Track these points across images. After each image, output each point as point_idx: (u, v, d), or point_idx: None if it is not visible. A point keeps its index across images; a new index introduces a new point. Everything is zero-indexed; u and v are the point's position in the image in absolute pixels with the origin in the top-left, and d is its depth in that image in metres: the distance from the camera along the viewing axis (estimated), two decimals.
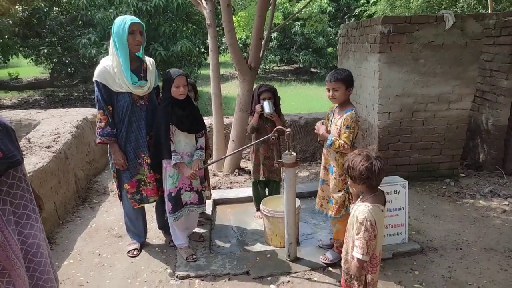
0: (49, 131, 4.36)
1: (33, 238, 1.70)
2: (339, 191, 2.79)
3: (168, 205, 2.99)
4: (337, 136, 2.73)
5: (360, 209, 2.08)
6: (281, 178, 3.26)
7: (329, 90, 2.77)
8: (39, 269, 1.73)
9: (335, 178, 2.80)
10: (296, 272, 2.88)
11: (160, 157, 2.91)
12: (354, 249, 2.08)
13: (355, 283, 2.19)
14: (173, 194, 2.96)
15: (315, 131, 2.91)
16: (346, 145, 2.65)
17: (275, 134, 2.94)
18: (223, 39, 14.62)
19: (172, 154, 2.85)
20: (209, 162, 3.54)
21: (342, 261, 2.32)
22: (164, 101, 2.90)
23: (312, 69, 20.28)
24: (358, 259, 2.05)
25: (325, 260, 2.98)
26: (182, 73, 2.84)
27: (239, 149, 4.35)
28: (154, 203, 3.25)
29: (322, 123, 2.90)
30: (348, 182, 2.22)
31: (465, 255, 3.12)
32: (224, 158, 4.84)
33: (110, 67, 2.80)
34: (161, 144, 2.86)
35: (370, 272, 2.16)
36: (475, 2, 11.28)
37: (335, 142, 2.69)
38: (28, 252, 1.69)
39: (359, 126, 2.75)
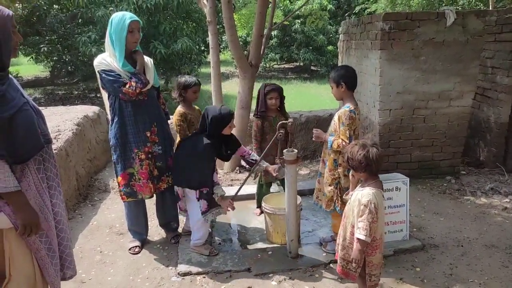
0: (50, 128, 4.30)
1: (58, 207, 1.97)
2: (329, 185, 2.85)
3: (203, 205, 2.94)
4: (334, 132, 2.77)
5: (364, 193, 2.18)
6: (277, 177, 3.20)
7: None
8: (61, 235, 2.00)
9: (327, 172, 2.87)
10: (297, 269, 2.88)
11: (202, 185, 2.91)
12: (357, 231, 2.16)
13: (354, 265, 2.26)
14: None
15: (314, 139, 2.94)
16: (344, 143, 2.66)
17: (281, 131, 2.93)
18: (224, 37, 14.63)
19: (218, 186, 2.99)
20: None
21: (340, 247, 2.36)
22: (210, 136, 2.88)
23: (312, 67, 20.25)
24: (360, 240, 2.14)
25: (324, 248, 3.09)
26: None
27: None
28: (155, 199, 3.24)
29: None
30: (351, 171, 2.32)
31: (466, 252, 3.12)
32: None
33: (107, 62, 2.77)
34: (204, 174, 2.90)
35: (369, 254, 2.25)
36: None
37: (334, 142, 2.73)
38: (54, 218, 1.95)
39: (357, 123, 2.75)
